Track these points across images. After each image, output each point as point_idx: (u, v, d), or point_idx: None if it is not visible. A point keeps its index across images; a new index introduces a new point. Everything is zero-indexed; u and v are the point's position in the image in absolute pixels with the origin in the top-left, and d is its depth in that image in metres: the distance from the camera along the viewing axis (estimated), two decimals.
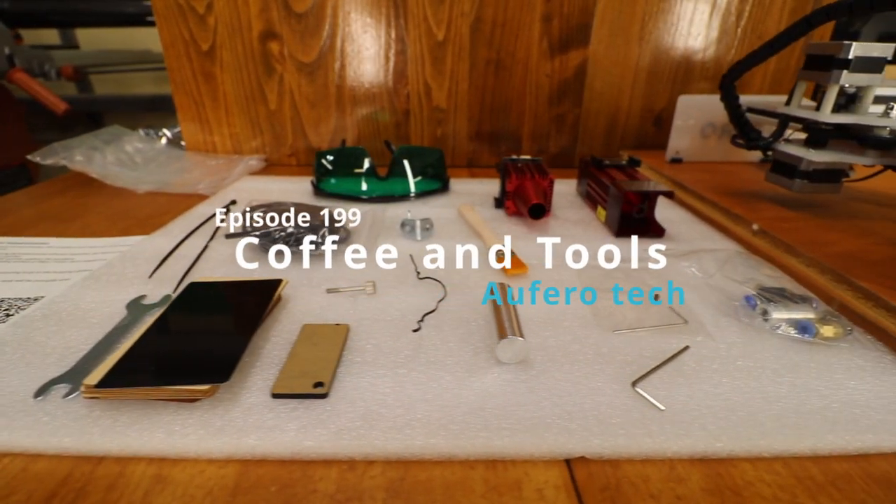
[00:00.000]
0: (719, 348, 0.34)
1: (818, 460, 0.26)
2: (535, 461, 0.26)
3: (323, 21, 0.73)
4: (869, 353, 0.33)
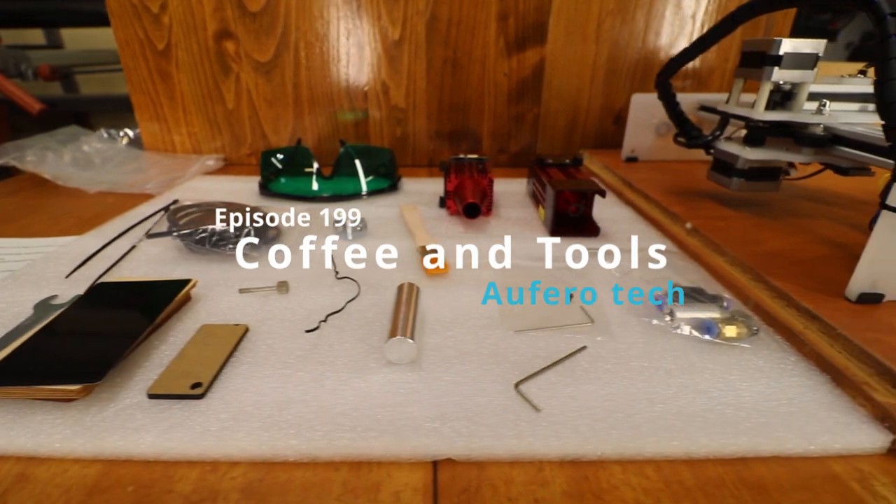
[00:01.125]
0: (618, 348, 0.33)
1: (693, 464, 0.26)
2: (401, 463, 0.26)
3: (277, 20, 0.73)
4: (772, 355, 0.33)
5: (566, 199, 0.52)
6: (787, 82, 0.48)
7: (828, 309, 0.34)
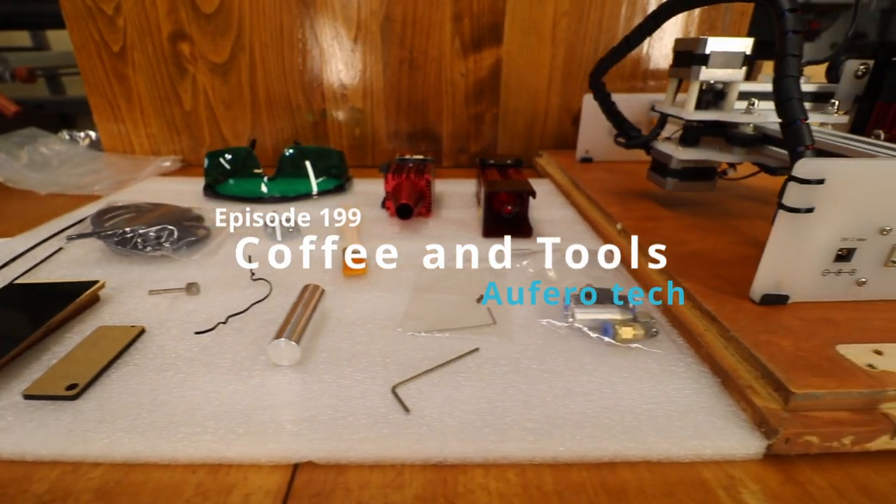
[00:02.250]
0: (512, 350, 0.33)
1: (558, 468, 0.26)
2: (261, 466, 0.25)
3: (232, 21, 0.73)
4: (667, 357, 0.32)
5: (499, 200, 0.51)
6: (718, 81, 0.47)
7: (729, 310, 0.33)
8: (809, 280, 0.33)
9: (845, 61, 0.47)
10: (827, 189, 0.30)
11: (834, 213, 0.31)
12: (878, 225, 0.32)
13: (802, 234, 0.32)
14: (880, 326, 0.32)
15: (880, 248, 0.33)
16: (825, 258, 0.33)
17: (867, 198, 0.31)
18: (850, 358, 0.28)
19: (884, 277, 0.34)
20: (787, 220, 0.31)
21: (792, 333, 0.31)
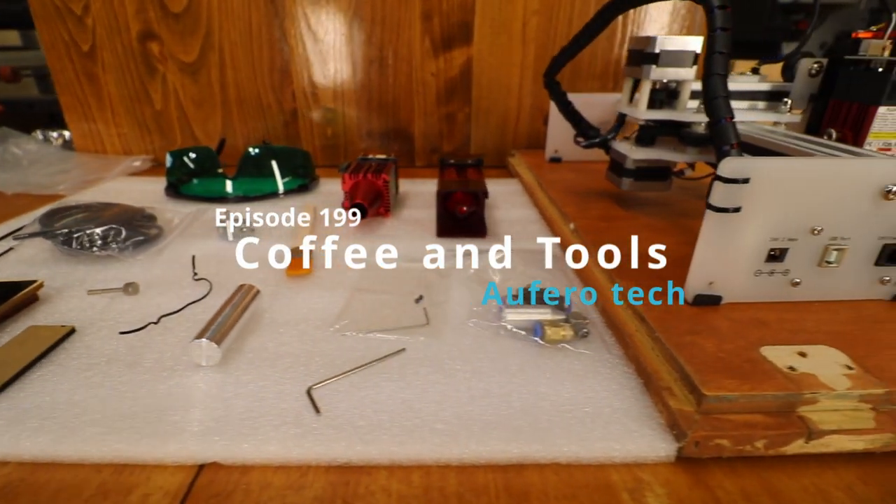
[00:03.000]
0: (440, 351, 0.32)
1: (465, 470, 0.25)
2: (166, 466, 0.25)
3: (200, 21, 0.72)
4: (594, 357, 0.32)
5: (452, 200, 0.51)
6: (670, 80, 0.47)
7: (660, 311, 0.33)
8: (742, 280, 0.33)
9: (799, 59, 0.47)
10: (753, 188, 0.30)
11: (762, 212, 0.31)
12: (808, 225, 0.31)
13: (731, 234, 0.31)
14: (811, 328, 0.31)
15: (813, 248, 0.32)
16: (756, 258, 0.32)
17: (795, 197, 0.30)
18: (771, 360, 0.28)
19: (818, 278, 0.33)
20: (715, 219, 0.31)
21: (718, 334, 0.30)
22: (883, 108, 0.41)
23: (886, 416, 0.26)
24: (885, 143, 0.42)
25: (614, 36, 0.76)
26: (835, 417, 0.26)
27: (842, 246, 0.32)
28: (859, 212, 0.31)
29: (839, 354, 0.29)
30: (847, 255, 0.32)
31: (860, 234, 0.32)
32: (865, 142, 0.42)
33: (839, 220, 0.31)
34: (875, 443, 0.26)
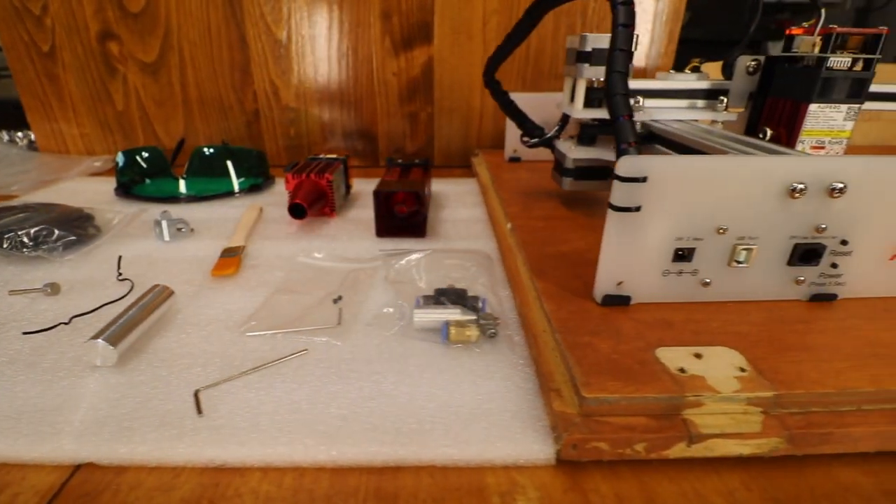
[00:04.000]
0: (344, 351, 0.32)
1: (339, 472, 0.25)
2: (43, 466, 0.25)
3: (159, 20, 0.72)
4: (497, 358, 0.32)
5: (387, 200, 0.50)
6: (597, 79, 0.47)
7: (568, 311, 0.33)
8: (650, 281, 0.33)
9: (738, 57, 0.46)
10: (651, 187, 0.29)
11: (663, 211, 0.30)
12: (713, 224, 0.31)
13: (634, 234, 0.31)
14: (716, 329, 0.31)
15: (721, 247, 0.32)
16: (663, 258, 0.32)
17: (697, 196, 0.30)
18: (664, 362, 0.28)
19: (729, 278, 0.33)
20: (617, 219, 0.30)
21: (618, 335, 0.30)
22: (814, 105, 0.41)
23: (776, 419, 0.25)
24: (819, 140, 0.42)
25: None
26: (720, 421, 0.25)
27: (750, 245, 0.31)
28: (765, 211, 0.30)
29: (737, 356, 0.28)
30: (757, 255, 0.32)
31: (769, 233, 0.31)
32: (798, 140, 0.42)
33: (745, 219, 0.31)
34: (762, 447, 0.25)
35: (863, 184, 0.30)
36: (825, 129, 0.41)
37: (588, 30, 0.75)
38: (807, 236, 0.31)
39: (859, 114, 0.41)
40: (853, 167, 0.29)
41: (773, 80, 0.45)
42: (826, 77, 0.40)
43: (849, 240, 0.32)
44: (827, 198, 0.30)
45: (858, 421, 0.25)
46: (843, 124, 0.41)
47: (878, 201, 0.31)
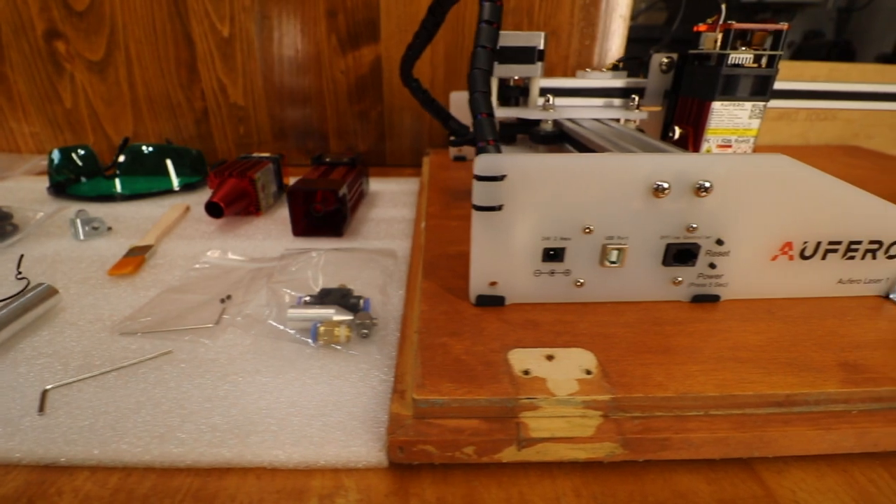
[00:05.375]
0: (208, 352, 0.32)
1: (166, 473, 0.24)
2: None
3: (104, 18, 0.72)
4: (362, 359, 0.31)
5: (307, 199, 0.50)
6: (520, 77, 0.46)
7: (440, 311, 0.32)
8: (523, 281, 0.32)
9: (652, 55, 0.46)
10: (511, 186, 0.29)
11: (526, 210, 0.30)
12: (580, 223, 0.30)
13: (499, 234, 0.30)
14: (582, 330, 0.30)
15: (590, 247, 0.31)
16: (533, 258, 0.31)
17: (560, 195, 0.29)
18: (512, 363, 0.27)
19: (602, 278, 0.32)
20: (480, 218, 0.30)
21: (477, 336, 0.29)
22: (717, 103, 0.40)
23: (614, 424, 0.25)
24: (725, 139, 0.41)
25: None
26: (555, 425, 0.25)
27: (620, 245, 0.31)
28: (631, 210, 0.30)
29: (590, 358, 0.28)
30: (629, 255, 0.31)
31: (638, 233, 0.31)
32: (703, 138, 0.41)
33: (611, 218, 0.30)
34: (597, 452, 0.24)
35: (729, 183, 0.29)
36: (730, 128, 0.41)
37: (535, 28, 0.74)
38: (678, 236, 0.31)
39: (765, 111, 0.40)
40: (716, 166, 0.29)
41: (682, 79, 0.44)
42: (727, 74, 0.39)
43: (724, 240, 0.31)
44: (694, 197, 0.29)
45: (701, 427, 0.25)
46: (748, 122, 0.41)
47: (748, 201, 0.30)
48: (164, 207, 0.58)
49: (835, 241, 0.32)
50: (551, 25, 0.74)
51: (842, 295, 0.34)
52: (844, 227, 0.32)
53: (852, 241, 0.32)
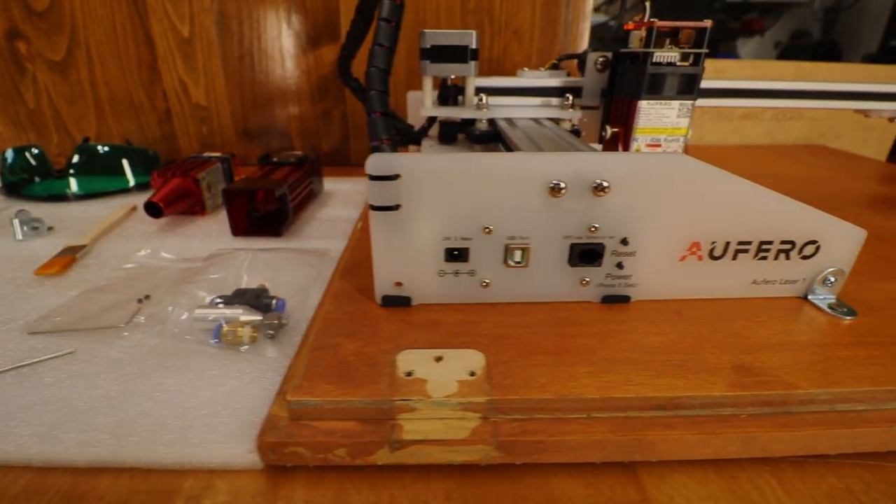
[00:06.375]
0: (112, 351, 0.32)
1: (43, 472, 0.24)
2: None
3: (65, 18, 0.72)
4: (259, 360, 0.31)
5: (244, 199, 0.50)
6: (453, 76, 0.46)
7: (345, 312, 0.32)
8: (428, 281, 0.32)
9: (587, 53, 0.45)
10: (407, 185, 0.29)
11: (424, 210, 0.29)
12: (480, 223, 0.30)
13: (399, 233, 0.30)
14: (482, 330, 0.30)
15: (493, 247, 0.31)
16: (436, 258, 0.31)
17: (457, 195, 0.29)
18: (398, 364, 0.27)
19: (508, 278, 0.32)
20: (378, 218, 0.30)
21: (373, 337, 0.29)
22: (643, 102, 0.39)
23: (491, 426, 0.25)
24: (654, 138, 0.41)
25: (480, 34, 0.75)
26: (431, 426, 0.24)
27: (523, 245, 0.31)
28: (531, 210, 0.29)
29: (480, 359, 0.27)
30: (534, 255, 0.31)
31: (540, 233, 0.30)
32: (632, 138, 0.41)
33: (511, 218, 0.30)
34: (473, 455, 0.24)
35: (627, 182, 0.29)
36: (659, 127, 0.40)
37: (495, 28, 0.74)
38: (581, 236, 0.30)
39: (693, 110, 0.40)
40: (613, 165, 0.28)
41: (615, 78, 0.44)
42: (652, 73, 0.38)
43: (629, 240, 0.31)
44: (593, 196, 0.29)
45: (578, 430, 0.24)
46: (677, 121, 0.40)
47: (650, 200, 0.30)
48: (111, 208, 0.58)
49: (744, 241, 0.32)
50: (513, 25, 0.74)
51: (759, 296, 0.34)
52: (753, 227, 0.31)
53: (763, 242, 0.32)
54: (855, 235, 0.32)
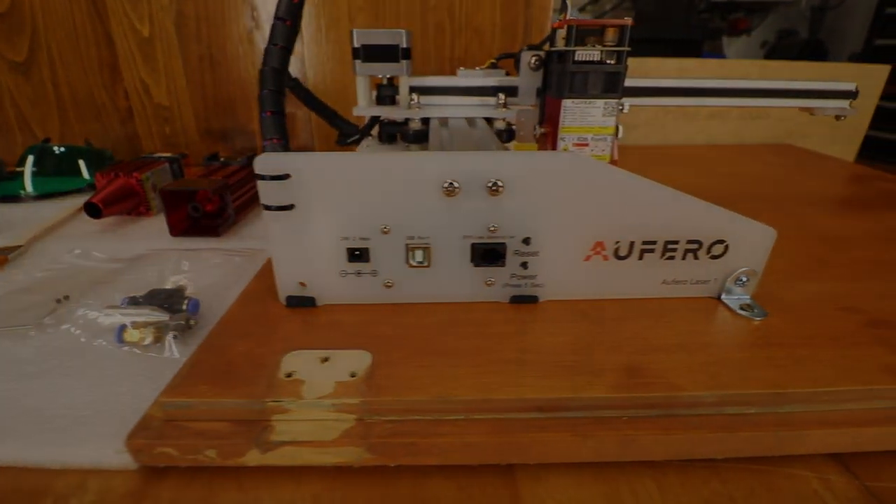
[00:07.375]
0: (14, 353, 0.31)
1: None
2: None
3: (25, 19, 0.72)
4: (158, 360, 0.31)
5: (181, 199, 0.50)
6: (386, 76, 0.46)
7: (248, 312, 0.32)
8: (331, 281, 0.32)
9: (522, 52, 0.45)
10: (299, 185, 0.29)
11: (320, 210, 0.29)
12: (377, 223, 0.30)
13: (295, 233, 0.30)
14: (381, 332, 0.30)
15: (393, 247, 0.31)
16: (337, 258, 0.31)
17: (352, 195, 0.29)
18: (282, 365, 0.27)
19: (412, 279, 0.32)
20: (272, 218, 0.30)
21: (267, 338, 0.29)
22: (568, 100, 0.39)
23: (363, 428, 0.24)
24: (581, 137, 0.40)
25: (441, 34, 0.74)
26: (302, 428, 0.24)
27: (423, 245, 0.30)
28: (427, 210, 0.29)
29: (366, 360, 0.27)
30: (435, 255, 0.31)
31: (440, 232, 0.30)
32: (559, 137, 0.40)
33: (409, 218, 0.30)
34: (345, 456, 0.24)
35: (520, 182, 0.29)
36: (585, 126, 0.40)
37: (456, 27, 0.74)
38: (482, 236, 0.30)
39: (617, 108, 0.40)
40: (503, 165, 0.28)
41: (546, 77, 0.43)
42: (573, 72, 0.38)
43: (531, 239, 0.31)
44: (489, 196, 0.29)
45: (452, 431, 0.24)
46: (603, 120, 0.40)
47: (546, 200, 0.29)
48: (60, 209, 0.58)
49: (649, 241, 0.31)
50: (474, 23, 0.73)
51: (671, 296, 0.34)
52: (656, 226, 0.31)
53: (669, 241, 0.31)
54: (765, 235, 0.32)
